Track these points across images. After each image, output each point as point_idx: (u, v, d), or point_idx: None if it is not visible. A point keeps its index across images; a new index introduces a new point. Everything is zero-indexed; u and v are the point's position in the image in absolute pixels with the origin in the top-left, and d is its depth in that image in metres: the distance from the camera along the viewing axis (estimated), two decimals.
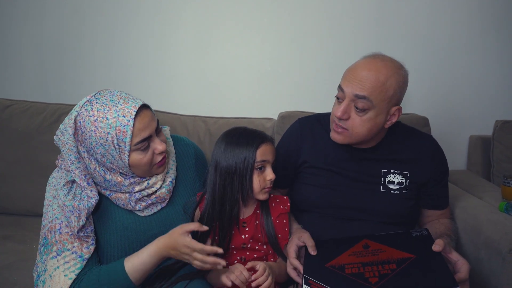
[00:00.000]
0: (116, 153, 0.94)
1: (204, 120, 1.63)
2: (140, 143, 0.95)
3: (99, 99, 0.95)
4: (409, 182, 1.14)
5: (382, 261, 0.92)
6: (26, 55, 1.74)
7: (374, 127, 1.06)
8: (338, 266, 0.93)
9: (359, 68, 1.05)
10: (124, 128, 0.92)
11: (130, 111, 0.93)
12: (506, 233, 1.14)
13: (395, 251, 0.95)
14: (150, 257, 0.95)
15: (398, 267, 0.89)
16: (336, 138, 1.10)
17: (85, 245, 0.95)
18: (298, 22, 1.71)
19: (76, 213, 0.94)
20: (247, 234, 1.07)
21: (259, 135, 1.04)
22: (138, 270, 0.94)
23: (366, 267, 0.91)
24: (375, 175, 1.14)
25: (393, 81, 1.03)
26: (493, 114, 1.77)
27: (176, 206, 1.08)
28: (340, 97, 1.07)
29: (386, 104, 1.04)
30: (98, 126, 0.92)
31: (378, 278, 0.87)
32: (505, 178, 1.40)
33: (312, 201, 1.16)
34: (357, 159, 1.16)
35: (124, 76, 1.75)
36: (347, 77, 1.06)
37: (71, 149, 0.95)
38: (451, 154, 1.78)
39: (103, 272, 0.95)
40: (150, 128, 0.97)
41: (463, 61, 1.76)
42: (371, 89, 1.01)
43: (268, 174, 1.03)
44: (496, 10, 1.72)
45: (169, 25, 1.71)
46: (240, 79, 1.75)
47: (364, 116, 1.04)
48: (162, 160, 1.02)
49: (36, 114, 1.56)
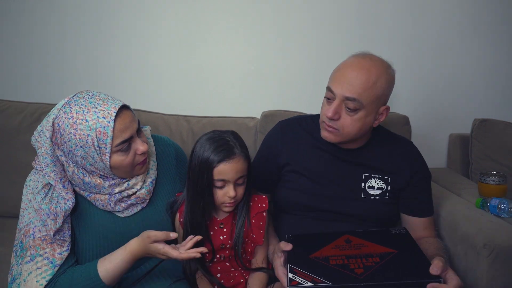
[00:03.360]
0: (97, 155, 0.93)
1: (187, 119, 1.62)
2: (121, 144, 0.95)
3: (78, 101, 0.93)
4: (390, 188, 1.14)
5: (365, 254, 0.93)
6: (5, 54, 1.71)
7: (364, 126, 1.07)
8: (322, 258, 0.93)
9: (349, 68, 1.04)
10: (104, 129, 0.91)
11: (110, 112, 0.92)
12: (481, 229, 1.17)
13: (377, 246, 0.96)
14: (123, 262, 0.94)
15: (381, 260, 0.90)
16: (327, 136, 1.10)
17: (58, 250, 0.94)
18: (282, 21, 1.72)
19: (53, 216, 0.93)
20: (225, 234, 1.07)
21: (224, 151, 0.98)
22: (113, 275, 0.94)
23: (350, 259, 0.91)
24: (357, 179, 1.14)
25: (382, 81, 1.04)
26: (472, 112, 1.81)
27: (156, 206, 1.08)
28: (330, 97, 1.07)
29: (376, 104, 1.05)
30: (77, 129, 0.91)
31: (364, 270, 0.87)
32: (482, 175, 1.44)
33: (293, 203, 1.16)
34: (339, 162, 1.16)
35: (107, 76, 1.73)
36: (336, 78, 1.06)
37: (46, 152, 0.93)
38: (431, 152, 1.83)
39: (76, 277, 0.93)
40: (131, 129, 0.96)
41: (442, 61, 1.80)
42: (361, 90, 1.01)
43: (228, 192, 1.00)
44: (474, 10, 1.76)
45: (152, 24, 1.70)
46: (223, 78, 1.75)
47: (354, 116, 1.04)
48: (144, 161, 1.01)
49: (16, 113, 1.53)
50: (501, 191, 1.39)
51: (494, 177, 1.40)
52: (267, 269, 1.09)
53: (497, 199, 1.28)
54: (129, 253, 0.93)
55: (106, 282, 0.93)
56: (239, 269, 1.09)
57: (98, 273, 0.93)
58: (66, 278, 0.93)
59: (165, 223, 1.08)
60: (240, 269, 1.09)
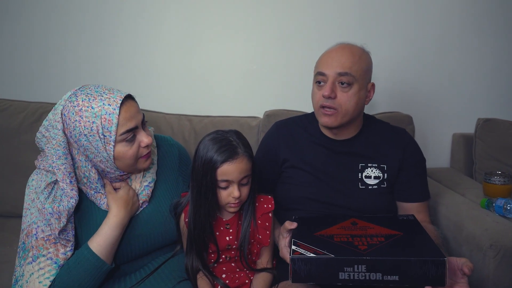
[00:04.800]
0: (101, 144, 0.91)
1: (189, 118, 1.61)
2: (126, 133, 0.93)
3: (84, 91, 0.94)
4: (387, 176, 1.15)
5: (370, 234, 0.92)
6: (5, 52, 1.70)
7: (358, 102, 1.11)
8: (327, 236, 0.93)
9: (333, 51, 1.13)
10: (109, 116, 0.90)
11: (115, 100, 0.92)
12: (487, 229, 1.16)
13: (382, 229, 0.95)
14: (111, 229, 0.95)
15: (386, 240, 0.89)
16: (327, 121, 1.12)
17: (61, 250, 0.93)
18: (284, 21, 1.71)
19: (56, 215, 0.92)
20: (231, 235, 1.06)
21: (227, 151, 0.97)
22: (106, 247, 0.94)
23: (355, 238, 0.91)
24: (353, 170, 1.16)
25: (365, 57, 1.13)
26: (475, 112, 1.80)
27: (157, 206, 1.07)
28: (321, 80, 1.12)
29: (365, 78, 1.12)
30: (83, 116, 0.90)
31: (367, 246, 0.86)
32: (487, 175, 1.43)
33: (295, 198, 1.17)
34: (335, 155, 1.17)
35: (109, 75, 1.72)
36: (323, 61, 1.13)
37: (59, 144, 0.92)
38: (434, 152, 1.82)
39: (72, 263, 0.92)
40: (136, 118, 0.95)
41: (446, 61, 1.79)
42: (350, 63, 1.09)
43: (232, 192, 0.99)
44: (476, 10, 1.75)
45: (154, 24, 1.69)
46: (225, 78, 1.74)
47: (349, 91, 1.09)
48: (148, 154, 1.00)
49: (17, 113, 1.53)
50: (507, 191, 1.38)
51: (499, 177, 1.39)
52: (271, 269, 1.08)
53: (503, 199, 1.27)
54: (114, 217, 0.95)
55: (103, 257, 0.93)
56: (244, 269, 1.08)
57: (91, 250, 0.92)
58: (62, 269, 0.92)
59: (169, 223, 1.07)
60: (245, 269, 1.08)
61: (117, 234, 0.95)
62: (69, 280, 0.91)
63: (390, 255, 0.83)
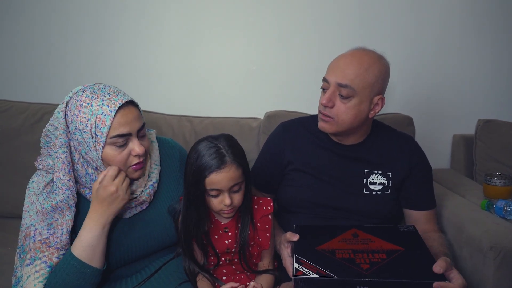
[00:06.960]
0: (91, 142, 0.93)
1: (189, 119, 1.61)
2: (117, 138, 0.93)
3: (92, 88, 0.95)
4: (392, 183, 1.15)
5: (372, 250, 0.93)
6: (6, 53, 1.70)
7: (358, 114, 1.07)
8: (329, 250, 0.93)
9: (342, 58, 1.10)
10: (104, 117, 0.91)
11: (115, 102, 0.93)
12: (487, 231, 1.16)
13: (384, 242, 0.96)
14: (87, 229, 0.92)
15: (388, 257, 0.90)
16: (323, 127, 1.11)
17: (55, 254, 0.93)
18: (284, 21, 1.71)
19: (58, 210, 0.92)
20: (230, 239, 1.06)
21: (214, 160, 0.95)
22: (85, 249, 0.91)
23: (357, 254, 0.92)
24: (358, 175, 1.15)
25: (374, 68, 1.06)
26: (476, 113, 1.80)
27: (158, 208, 1.07)
28: (325, 87, 1.10)
29: (369, 92, 1.06)
30: (81, 111, 0.92)
31: (369, 265, 0.87)
32: (487, 177, 1.43)
33: (298, 201, 1.16)
34: (341, 159, 1.16)
35: (109, 76, 1.72)
36: (330, 68, 1.11)
37: (61, 133, 0.94)
38: (435, 153, 1.82)
39: (58, 270, 0.91)
40: (131, 126, 0.95)
41: (446, 61, 1.79)
42: (353, 76, 1.04)
43: (223, 200, 0.98)
44: (476, 10, 1.75)
45: (155, 25, 1.69)
46: (226, 79, 1.74)
47: (348, 104, 1.06)
48: (138, 165, 0.98)
49: (18, 113, 1.53)
50: (507, 193, 1.38)
51: (499, 179, 1.39)
52: (273, 271, 1.08)
53: (503, 201, 1.27)
54: (87, 219, 0.92)
55: (86, 260, 0.91)
56: (245, 272, 1.08)
57: (72, 253, 0.91)
58: (51, 274, 0.92)
59: (169, 226, 1.07)
60: (246, 272, 1.08)
61: (96, 235, 0.92)
62: (56, 284, 0.91)
63: (392, 276, 0.85)
